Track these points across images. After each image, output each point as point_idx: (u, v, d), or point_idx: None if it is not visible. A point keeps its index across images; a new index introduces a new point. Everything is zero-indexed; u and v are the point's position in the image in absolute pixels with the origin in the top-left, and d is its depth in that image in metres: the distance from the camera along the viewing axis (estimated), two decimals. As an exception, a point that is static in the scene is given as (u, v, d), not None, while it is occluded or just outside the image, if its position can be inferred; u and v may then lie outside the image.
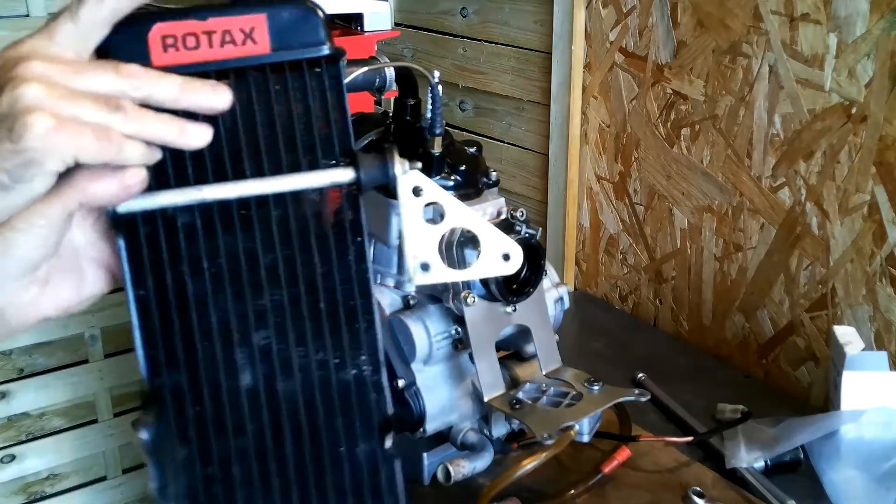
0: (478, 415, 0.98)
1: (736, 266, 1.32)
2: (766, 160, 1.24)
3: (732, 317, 1.34)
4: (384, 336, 0.95)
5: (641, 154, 1.43)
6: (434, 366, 0.96)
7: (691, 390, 1.21)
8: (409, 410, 0.95)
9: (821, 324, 1.21)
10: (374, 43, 1.38)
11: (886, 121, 1.08)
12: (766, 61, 1.21)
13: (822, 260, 1.19)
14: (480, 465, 0.95)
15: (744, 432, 1.05)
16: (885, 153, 1.09)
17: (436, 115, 0.92)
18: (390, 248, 0.97)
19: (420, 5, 1.81)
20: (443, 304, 0.94)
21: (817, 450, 1.03)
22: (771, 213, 1.25)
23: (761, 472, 1.01)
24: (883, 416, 1.03)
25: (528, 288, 0.94)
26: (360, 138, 1.01)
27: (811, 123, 1.17)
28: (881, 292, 1.13)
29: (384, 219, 0.96)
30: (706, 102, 1.31)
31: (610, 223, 1.53)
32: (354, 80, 1.00)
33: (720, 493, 0.97)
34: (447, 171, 0.95)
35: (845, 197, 1.15)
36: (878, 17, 1.07)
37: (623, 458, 1.00)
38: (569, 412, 0.91)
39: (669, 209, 1.41)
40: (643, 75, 1.40)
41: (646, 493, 0.98)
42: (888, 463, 0.99)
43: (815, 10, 1.13)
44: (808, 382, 1.25)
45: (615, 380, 1.04)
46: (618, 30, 1.43)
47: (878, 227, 1.12)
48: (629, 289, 1.52)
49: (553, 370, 0.98)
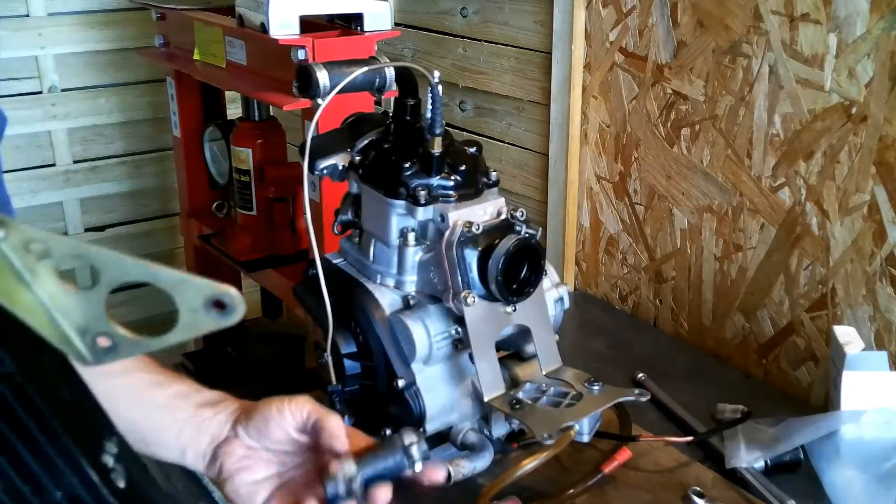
0: (478, 415, 0.98)
1: (736, 266, 1.32)
2: (766, 160, 1.24)
3: (732, 317, 1.34)
4: (384, 336, 0.95)
5: (641, 154, 1.43)
6: (434, 366, 0.96)
7: (691, 390, 1.21)
8: (409, 410, 0.95)
9: (821, 324, 1.21)
10: (374, 43, 1.38)
11: (886, 121, 1.08)
12: (766, 61, 1.21)
13: (822, 260, 1.19)
14: (480, 465, 0.95)
15: (744, 432, 1.05)
16: (885, 153, 1.09)
17: (436, 115, 0.92)
18: (390, 248, 0.97)
19: (420, 5, 1.81)
20: (443, 304, 0.94)
21: (817, 450, 1.03)
22: (771, 213, 1.25)
23: (761, 472, 1.01)
24: (883, 416, 1.03)
25: (528, 288, 0.94)
26: (361, 138, 1.01)
27: (811, 123, 1.17)
28: (881, 292, 1.13)
29: (384, 219, 0.96)
30: (706, 102, 1.31)
31: (610, 223, 1.53)
32: (354, 80, 1.00)
33: (720, 493, 0.97)
34: (447, 171, 0.95)
35: (845, 197, 1.15)
36: (878, 17, 1.07)
37: (623, 458, 1.00)
38: (569, 412, 0.91)
39: (669, 209, 1.41)
40: (643, 75, 1.40)
41: (646, 493, 0.98)
42: (888, 463, 0.99)
43: (815, 10, 1.13)
44: (808, 382, 1.25)
45: (615, 380, 1.04)
46: (618, 30, 1.43)
47: (878, 227, 1.12)
48: (629, 289, 1.52)
49: (553, 370, 0.98)
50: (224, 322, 0.45)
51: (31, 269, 0.44)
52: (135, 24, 1.97)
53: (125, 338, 0.45)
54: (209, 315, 0.45)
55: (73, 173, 2.03)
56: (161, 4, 1.65)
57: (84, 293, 0.45)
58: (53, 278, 0.44)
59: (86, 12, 1.95)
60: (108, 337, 0.45)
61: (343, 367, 0.97)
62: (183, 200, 1.83)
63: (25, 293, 0.44)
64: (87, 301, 0.45)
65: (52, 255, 0.44)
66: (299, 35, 1.34)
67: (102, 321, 0.45)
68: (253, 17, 1.38)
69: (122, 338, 0.45)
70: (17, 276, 0.43)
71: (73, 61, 1.96)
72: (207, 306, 0.45)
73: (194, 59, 1.56)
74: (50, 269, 0.44)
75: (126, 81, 2.04)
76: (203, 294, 0.45)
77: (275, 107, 1.47)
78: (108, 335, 0.45)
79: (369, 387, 0.97)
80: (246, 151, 1.58)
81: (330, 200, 1.34)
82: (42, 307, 0.45)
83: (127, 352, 0.45)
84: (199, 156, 1.76)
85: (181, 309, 0.45)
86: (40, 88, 1.94)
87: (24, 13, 1.89)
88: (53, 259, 0.44)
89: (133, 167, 2.10)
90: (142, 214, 2.14)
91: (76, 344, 0.45)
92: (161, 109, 2.00)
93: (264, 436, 0.79)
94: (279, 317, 1.93)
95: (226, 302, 0.45)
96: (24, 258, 0.43)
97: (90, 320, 0.45)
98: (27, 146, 1.96)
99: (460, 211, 0.93)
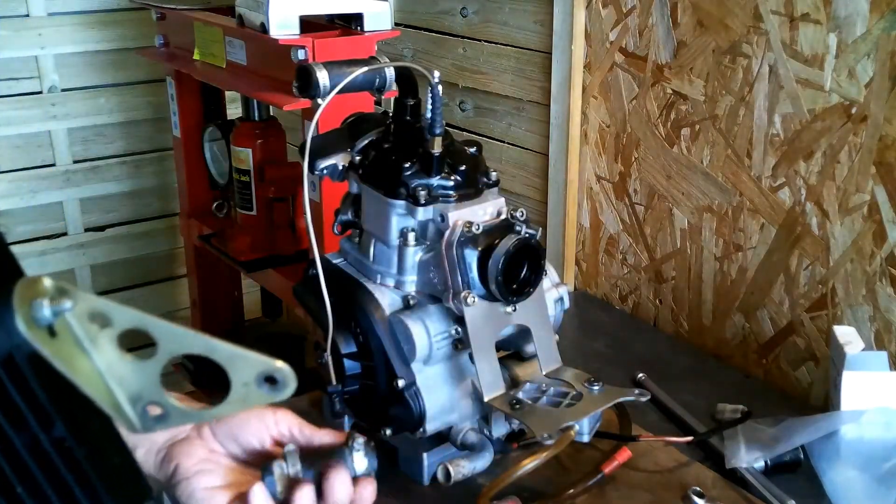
0: (478, 415, 0.98)
1: (736, 266, 1.32)
2: (766, 160, 1.24)
3: (732, 317, 1.34)
4: (384, 336, 0.95)
5: (641, 154, 1.43)
6: (434, 366, 0.96)
7: (691, 390, 1.21)
8: (409, 410, 0.95)
9: (821, 324, 1.21)
10: (374, 43, 1.38)
11: (886, 121, 1.08)
12: (766, 61, 1.21)
13: (822, 260, 1.19)
14: (480, 465, 0.95)
15: (744, 432, 1.05)
16: (885, 153, 1.09)
17: (436, 115, 0.92)
18: (390, 248, 0.97)
19: (420, 5, 1.81)
20: (443, 304, 0.94)
21: (817, 450, 1.03)
22: (771, 213, 1.25)
23: (761, 472, 1.00)
24: (883, 416, 1.03)
25: (528, 288, 0.94)
26: (361, 138, 1.01)
27: (811, 123, 1.17)
28: (881, 292, 1.13)
29: (384, 219, 0.96)
30: (706, 102, 1.31)
31: (610, 223, 1.53)
32: (354, 80, 1.00)
33: (720, 493, 0.97)
34: (447, 170, 0.95)
35: (845, 197, 1.15)
36: (878, 17, 1.07)
37: (623, 458, 1.00)
38: (569, 412, 0.91)
39: (669, 209, 1.41)
40: (643, 75, 1.40)
41: (646, 493, 0.98)
42: (888, 463, 0.99)
43: (815, 10, 1.13)
44: (808, 382, 1.25)
45: (615, 380, 1.04)
46: (618, 30, 1.43)
47: (878, 227, 1.12)
48: (629, 289, 1.52)
49: (553, 370, 0.98)
50: (275, 398, 0.46)
51: (93, 339, 0.44)
52: (135, 24, 1.97)
53: (176, 407, 0.46)
54: (261, 389, 0.46)
55: (73, 173, 2.03)
56: (161, 4, 1.65)
57: (141, 363, 0.46)
58: (113, 347, 0.45)
59: (86, 12, 1.95)
60: (160, 406, 0.46)
61: (343, 367, 0.97)
62: (183, 200, 1.83)
63: (85, 362, 0.45)
64: (143, 371, 0.46)
65: (114, 325, 0.45)
66: (299, 35, 1.34)
67: (156, 391, 0.46)
68: (253, 17, 1.38)
69: (174, 407, 0.46)
70: (79, 345, 0.44)
71: (73, 61, 1.97)
72: (260, 381, 0.46)
73: (194, 59, 1.56)
74: (110, 339, 0.45)
75: (126, 81, 2.04)
76: (257, 370, 0.46)
77: (275, 107, 1.47)
78: (160, 405, 0.46)
79: (369, 387, 0.97)
80: (246, 151, 1.59)
81: (330, 200, 1.34)
82: (100, 376, 0.45)
83: (176, 421, 0.47)
84: (199, 156, 1.76)
85: (234, 382, 0.46)
86: (40, 88, 1.94)
87: (24, 13, 1.89)
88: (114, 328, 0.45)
89: (133, 167, 2.10)
90: (142, 214, 2.14)
91: (127, 412, 0.46)
92: (161, 109, 2.00)
93: (235, 440, 0.77)
94: (279, 317, 1.94)
95: (278, 378, 0.46)
96: (88, 328, 0.44)
97: (144, 389, 0.46)
98: (27, 146, 1.96)
99: (460, 211, 0.93)
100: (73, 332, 0.44)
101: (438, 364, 0.96)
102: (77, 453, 0.45)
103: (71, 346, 0.44)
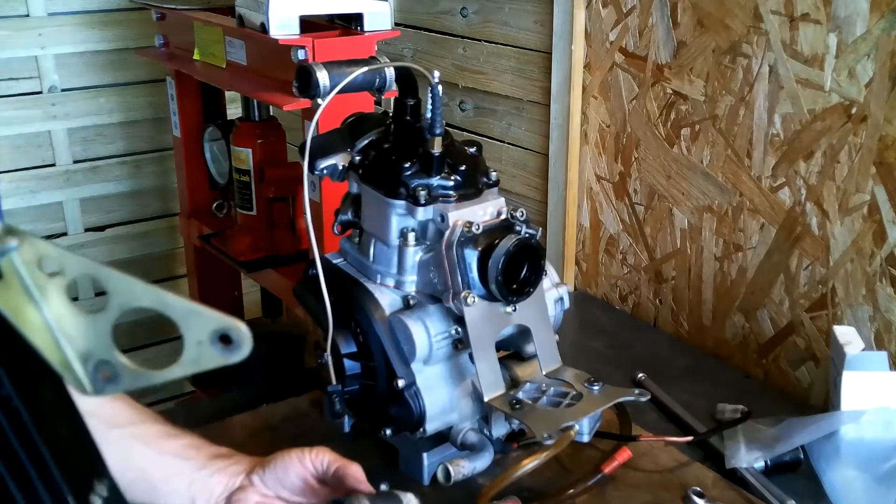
0: (478, 415, 0.98)
1: (736, 266, 1.32)
2: (766, 160, 1.24)
3: (732, 317, 1.34)
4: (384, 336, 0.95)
5: (641, 154, 1.43)
6: (434, 366, 0.96)
7: (691, 390, 1.21)
8: (409, 410, 0.95)
9: (821, 324, 1.21)
10: (374, 43, 1.38)
11: (886, 121, 1.08)
12: (766, 61, 1.21)
13: (822, 260, 1.19)
14: (480, 465, 0.95)
15: (744, 432, 1.05)
16: (885, 153, 1.09)
17: (436, 115, 0.92)
18: (390, 248, 0.97)
19: (420, 5, 1.81)
20: (443, 304, 0.94)
21: (817, 450, 1.03)
22: (771, 213, 1.25)
23: (761, 472, 1.00)
24: (883, 416, 1.03)
25: (528, 288, 0.94)
26: (361, 138, 1.01)
27: (811, 123, 1.17)
28: (881, 292, 1.13)
29: (384, 219, 0.96)
30: (706, 102, 1.31)
31: (610, 223, 1.53)
32: (354, 80, 1.00)
33: (720, 493, 0.97)
34: (447, 171, 0.95)
35: (845, 197, 1.15)
36: (878, 17, 1.07)
37: (623, 458, 1.00)
38: (569, 412, 0.91)
39: (669, 209, 1.41)
40: (643, 75, 1.40)
41: (646, 493, 0.98)
42: (888, 463, 0.99)
43: (815, 10, 1.13)
44: (808, 382, 1.25)
45: (615, 380, 1.04)
46: (618, 30, 1.43)
47: (878, 227, 1.12)
48: (629, 289, 1.52)
49: (553, 370, 0.98)
50: (229, 358, 0.43)
51: (41, 287, 0.42)
52: (135, 24, 1.97)
53: (127, 368, 0.43)
54: (214, 349, 0.43)
55: (73, 173, 2.03)
56: (161, 4, 1.65)
57: (91, 317, 0.43)
58: (63, 298, 0.43)
59: (86, 12, 1.95)
60: (111, 367, 0.43)
61: (343, 367, 0.97)
62: (183, 200, 1.83)
63: (33, 311, 0.42)
64: (93, 326, 0.43)
65: (64, 274, 0.42)
66: (299, 35, 1.34)
67: (107, 348, 0.43)
68: (253, 18, 1.38)
69: (125, 368, 0.43)
70: (26, 293, 0.42)
71: (73, 61, 1.96)
72: (214, 340, 0.43)
73: (194, 59, 1.56)
74: (60, 288, 0.42)
75: (126, 81, 2.04)
76: (211, 326, 0.43)
77: (275, 107, 1.47)
78: (111, 364, 0.43)
79: (369, 387, 0.97)
80: (246, 151, 1.58)
81: (330, 200, 1.34)
82: (48, 327, 0.43)
83: (128, 384, 0.43)
84: (199, 156, 1.76)
85: (186, 340, 0.43)
86: (40, 88, 1.94)
87: (24, 13, 1.89)
88: (65, 277, 0.42)
89: (133, 167, 2.10)
90: (142, 214, 2.14)
91: (77, 371, 0.43)
92: (161, 109, 2.00)
93: (282, 483, 0.82)
94: (279, 317, 1.94)
95: (233, 336, 0.43)
96: (36, 275, 0.42)
97: (94, 346, 0.43)
98: (27, 146, 1.96)
99: (460, 211, 0.93)
100: (21, 278, 0.41)
101: (438, 364, 0.96)
102: (24, 416, 0.43)
103: (19, 293, 0.41)
